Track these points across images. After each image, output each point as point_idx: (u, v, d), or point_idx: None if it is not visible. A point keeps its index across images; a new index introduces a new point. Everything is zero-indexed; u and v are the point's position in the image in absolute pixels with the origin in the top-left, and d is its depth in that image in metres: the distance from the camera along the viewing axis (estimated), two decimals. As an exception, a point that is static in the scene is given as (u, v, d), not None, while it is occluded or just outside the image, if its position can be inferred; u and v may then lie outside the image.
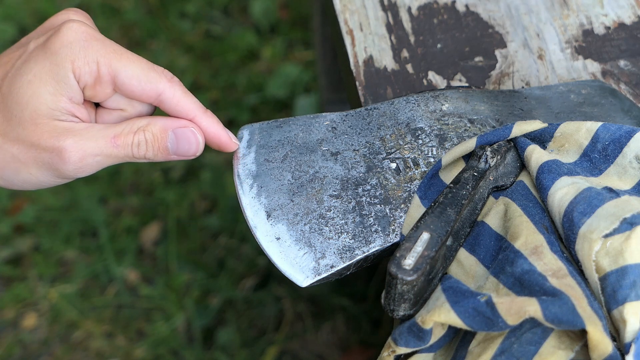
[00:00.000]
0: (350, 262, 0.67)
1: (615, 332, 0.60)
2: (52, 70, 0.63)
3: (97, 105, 0.69)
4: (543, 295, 0.58)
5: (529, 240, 0.62)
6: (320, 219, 0.68)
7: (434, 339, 0.61)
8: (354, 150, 0.72)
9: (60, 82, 0.64)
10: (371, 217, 0.68)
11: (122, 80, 0.65)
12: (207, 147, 0.69)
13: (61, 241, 1.73)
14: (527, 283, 0.60)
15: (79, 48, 0.63)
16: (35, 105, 0.64)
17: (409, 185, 0.70)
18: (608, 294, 0.60)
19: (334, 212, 0.69)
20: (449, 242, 0.64)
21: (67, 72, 0.63)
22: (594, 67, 0.83)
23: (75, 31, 0.64)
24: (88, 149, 0.65)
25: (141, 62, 0.65)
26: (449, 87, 0.78)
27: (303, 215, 0.69)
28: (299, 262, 0.66)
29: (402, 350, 0.62)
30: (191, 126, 0.67)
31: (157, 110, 0.70)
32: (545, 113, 0.75)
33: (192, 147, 0.67)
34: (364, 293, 1.60)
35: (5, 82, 0.65)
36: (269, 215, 0.69)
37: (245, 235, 1.70)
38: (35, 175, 0.66)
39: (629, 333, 0.58)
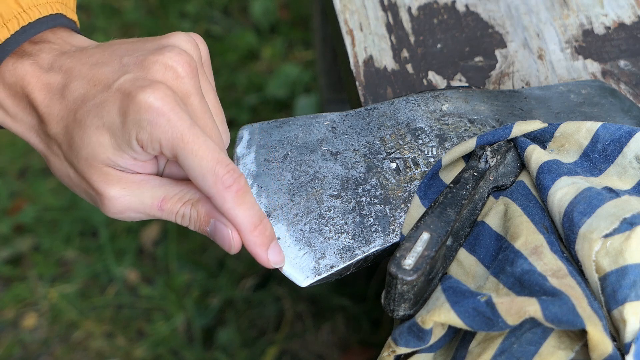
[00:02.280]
0: (350, 262, 0.67)
1: (615, 332, 0.60)
2: (120, 129, 0.61)
3: None
4: (543, 295, 0.58)
5: (529, 240, 0.62)
6: (320, 219, 0.68)
7: (434, 339, 0.61)
8: (354, 150, 0.72)
9: (125, 144, 0.61)
10: (371, 217, 0.68)
11: (181, 165, 0.62)
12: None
13: (61, 241, 1.73)
14: (527, 283, 0.60)
15: (146, 123, 0.60)
16: (96, 151, 0.62)
17: (409, 185, 0.70)
18: (608, 294, 0.60)
19: (334, 212, 0.69)
20: (449, 242, 0.64)
21: (131, 139, 0.61)
22: (594, 67, 0.83)
23: (151, 103, 0.60)
24: (132, 205, 0.64)
25: (203, 159, 0.61)
26: (449, 87, 0.78)
27: (303, 215, 0.69)
28: (299, 262, 0.66)
29: (402, 350, 0.62)
30: (230, 228, 0.63)
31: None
32: (545, 113, 0.75)
33: (225, 245, 0.64)
34: (364, 293, 1.60)
35: (82, 109, 0.63)
36: (269, 215, 0.69)
37: (245, 235, 1.70)
38: (82, 197, 0.66)
39: (629, 333, 0.58)
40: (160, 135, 0.60)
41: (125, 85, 0.62)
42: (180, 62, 0.63)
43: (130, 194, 0.64)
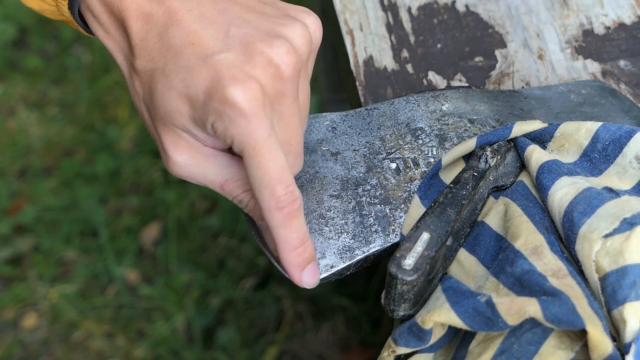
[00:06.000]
0: (350, 262, 0.67)
1: (615, 332, 0.60)
2: (200, 107, 0.59)
3: None
4: (543, 295, 0.58)
5: (529, 240, 0.62)
6: (320, 219, 0.68)
7: (434, 339, 0.61)
8: (354, 150, 0.72)
9: (200, 122, 0.60)
10: (371, 217, 0.68)
11: (245, 167, 0.60)
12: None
13: (61, 241, 1.73)
14: (527, 283, 0.60)
15: (226, 117, 0.58)
16: (174, 115, 0.60)
17: (409, 185, 0.70)
18: (608, 294, 0.60)
19: (333, 212, 0.69)
20: (449, 242, 0.64)
21: (207, 122, 0.59)
22: (594, 67, 0.83)
23: (238, 101, 0.58)
24: (194, 175, 0.63)
25: (267, 173, 0.59)
26: (449, 87, 0.78)
27: (303, 215, 0.69)
28: (299, 262, 0.66)
29: (402, 350, 0.62)
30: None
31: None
32: (545, 113, 0.75)
33: (270, 246, 0.65)
34: (364, 293, 1.60)
35: (173, 64, 0.59)
36: (269, 215, 0.69)
37: (245, 235, 1.71)
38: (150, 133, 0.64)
39: (629, 333, 0.58)
40: (235, 134, 0.58)
41: (222, 69, 0.59)
42: (286, 62, 0.60)
43: (195, 165, 0.62)
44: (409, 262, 0.60)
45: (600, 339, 0.56)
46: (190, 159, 0.62)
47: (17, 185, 1.83)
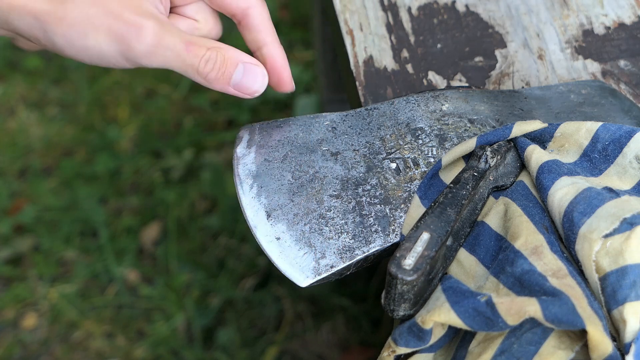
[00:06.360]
0: (350, 262, 0.67)
1: (615, 332, 0.60)
2: None
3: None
4: (543, 295, 0.58)
5: (529, 240, 0.62)
6: (320, 219, 0.68)
7: (434, 339, 0.61)
8: (354, 150, 0.72)
9: None
10: (371, 217, 0.68)
11: None
12: (208, 147, 0.69)
13: (61, 241, 1.73)
14: (527, 283, 0.60)
15: None
16: None
17: (409, 185, 0.70)
18: (608, 294, 0.60)
19: (334, 212, 0.69)
20: (449, 242, 0.64)
21: None
22: (594, 67, 0.83)
23: None
24: (164, 39, 0.65)
25: None
26: (449, 87, 0.78)
27: (303, 215, 0.69)
28: (299, 262, 0.66)
29: (402, 350, 0.62)
30: (262, 67, 0.69)
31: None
32: (545, 113, 0.75)
33: (257, 84, 0.69)
34: (364, 293, 1.60)
35: None
36: (269, 215, 0.69)
37: (245, 235, 1.71)
38: (100, 44, 0.65)
39: (629, 333, 0.58)
40: None
41: None
42: None
43: (164, 28, 0.65)
44: (409, 262, 0.60)
45: (600, 339, 0.56)
46: (158, 23, 0.65)
47: (17, 185, 1.83)
